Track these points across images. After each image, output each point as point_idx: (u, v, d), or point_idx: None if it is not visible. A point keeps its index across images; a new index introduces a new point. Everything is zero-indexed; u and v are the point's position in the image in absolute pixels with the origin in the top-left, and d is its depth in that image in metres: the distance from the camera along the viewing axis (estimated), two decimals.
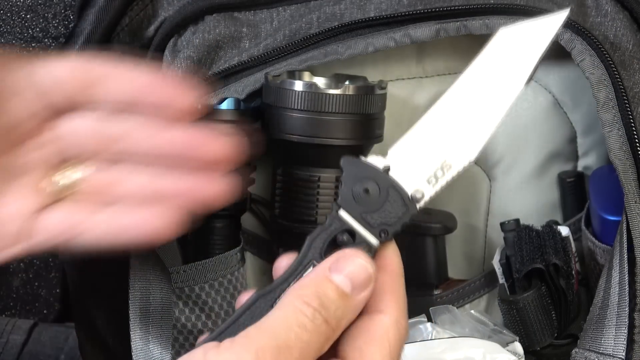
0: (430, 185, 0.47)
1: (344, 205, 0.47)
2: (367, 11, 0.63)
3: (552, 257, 0.65)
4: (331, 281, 0.45)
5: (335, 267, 0.45)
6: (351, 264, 0.45)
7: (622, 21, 0.62)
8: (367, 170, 0.47)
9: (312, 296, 0.44)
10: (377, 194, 0.47)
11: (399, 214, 0.47)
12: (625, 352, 0.55)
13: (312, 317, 0.43)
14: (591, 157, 0.71)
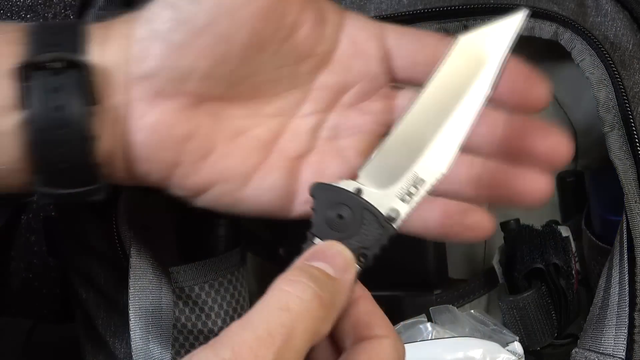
0: (406, 203, 0.46)
1: (319, 233, 0.45)
2: (367, 11, 0.63)
3: (552, 257, 0.65)
4: (311, 265, 0.43)
5: (312, 257, 0.44)
6: (326, 250, 0.44)
7: (622, 21, 0.62)
8: (338, 195, 0.46)
9: (298, 273, 0.42)
10: (352, 218, 0.45)
11: (377, 236, 0.45)
12: (625, 352, 0.55)
13: (300, 293, 0.41)
14: (591, 157, 0.71)
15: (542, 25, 0.62)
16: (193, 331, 0.62)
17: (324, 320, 0.41)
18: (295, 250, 0.66)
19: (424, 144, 0.47)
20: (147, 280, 0.58)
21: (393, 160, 0.47)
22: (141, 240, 0.59)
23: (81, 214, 0.62)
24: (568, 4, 0.62)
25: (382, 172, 0.47)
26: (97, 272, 0.63)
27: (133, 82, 0.46)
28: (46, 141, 0.44)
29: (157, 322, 0.58)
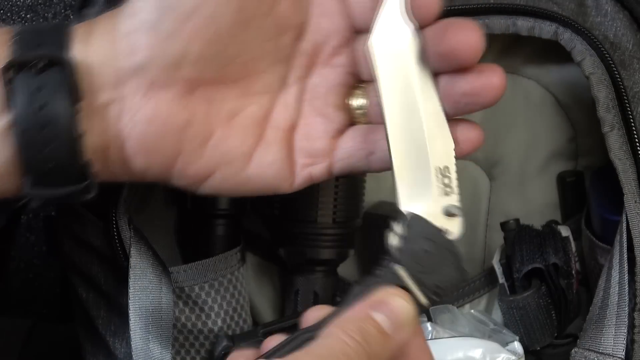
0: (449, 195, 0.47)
1: (403, 261, 0.46)
2: None
3: (552, 257, 0.65)
4: (372, 318, 0.44)
5: (377, 306, 0.45)
6: (393, 304, 0.45)
7: (622, 21, 0.62)
8: (431, 231, 0.47)
9: (355, 330, 0.43)
10: (436, 257, 0.46)
11: (453, 279, 0.47)
12: (625, 352, 0.55)
13: (356, 350, 0.43)
14: (591, 157, 0.71)
15: (542, 25, 0.62)
16: (193, 331, 0.62)
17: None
18: (295, 250, 0.66)
19: (422, 141, 0.47)
20: (147, 280, 0.58)
21: (411, 173, 0.47)
22: (141, 240, 0.59)
23: (81, 213, 0.62)
24: (568, 4, 0.62)
25: (412, 188, 0.47)
26: (97, 272, 0.62)
27: (125, 77, 0.46)
28: (31, 141, 0.44)
29: (157, 322, 0.58)
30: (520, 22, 0.62)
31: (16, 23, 0.75)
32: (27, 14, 0.75)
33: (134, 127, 0.46)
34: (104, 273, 0.62)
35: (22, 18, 0.75)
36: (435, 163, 0.47)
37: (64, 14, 0.76)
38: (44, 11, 0.75)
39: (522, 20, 0.62)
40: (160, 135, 0.47)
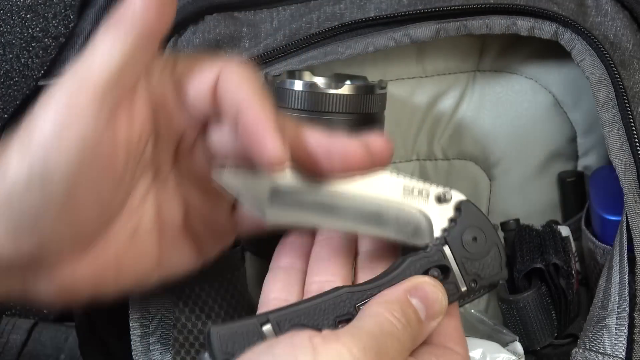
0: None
1: (451, 243, 0.49)
2: (367, 11, 0.63)
3: (552, 257, 0.65)
4: (411, 305, 0.47)
5: (415, 292, 0.48)
6: (429, 293, 0.48)
7: (622, 21, 0.62)
8: (482, 221, 0.50)
9: (400, 312, 0.46)
10: (483, 246, 0.50)
11: (493, 272, 0.50)
12: (625, 352, 0.55)
13: (402, 331, 0.46)
14: (591, 157, 0.71)
15: (542, 25, 0.62)
16: (193, 331, 0.62)
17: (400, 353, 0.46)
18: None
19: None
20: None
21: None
22: None
23: None
24: (568, 4, 0.62)
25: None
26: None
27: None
28: None
29: (157, 322, 0.58)
30: (520, 22, 0.62)
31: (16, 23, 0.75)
32: (27, 14, 0.75)
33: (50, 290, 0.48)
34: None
35: (22, 18, 0.75)
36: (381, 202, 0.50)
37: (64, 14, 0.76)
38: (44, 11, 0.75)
39: (522, 20, 0.62)
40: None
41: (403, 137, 0.70)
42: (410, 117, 0.70)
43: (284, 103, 0.61)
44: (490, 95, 0.70)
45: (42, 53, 0.76)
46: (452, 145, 0.71)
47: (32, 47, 0.76)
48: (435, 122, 0.71)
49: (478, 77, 0.70)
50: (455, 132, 0.71)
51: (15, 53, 0.76)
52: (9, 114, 0.76)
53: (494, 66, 0.70)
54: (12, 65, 0.76)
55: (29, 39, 0.76)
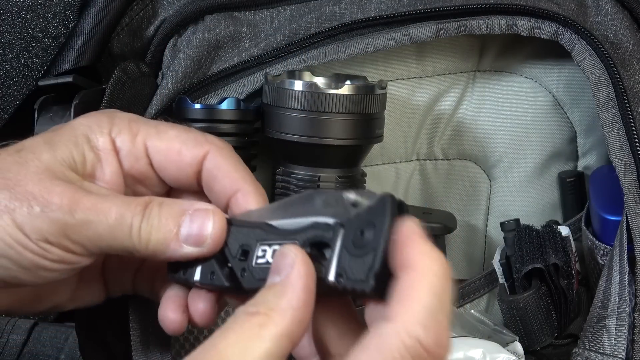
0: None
1: (347, 229, 0.43)
2: (367, 11, 0.63)
3: (552, 257, 0.65)
4: (263, 291, 0.44)
5: (271, 275, 0.44)
6: (275, 261, 0.44)
7: (622, 21, 0.62)
8: (381, 222, 0.42)
9: (254, 302, 0.43)
10: (364, 246, 0.42)
11: (358, 277, 0.42)
12: (625, 352, 0.55)
13: (232, 319, 0.43)
14: (591, 157, 0.71)
15: (542, 25, 0.62)
16: (193, 331, 0.61)
17: (262, 325, 0.42)
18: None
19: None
20: None
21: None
22: None
23: None
24: (568, 4, 0.62)
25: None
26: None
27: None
28: None
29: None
30: (520, 22, 0.62)
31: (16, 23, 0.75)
32: (27, 14, 0.75)
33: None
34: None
35: (22, 18, 0.75)
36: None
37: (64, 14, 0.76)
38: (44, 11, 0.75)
39: (522, 20, 0.62)
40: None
41: (403, 137, 0.70)
42: (410, 117, 0.70)
43: (284, 103, 0.61)
44: (490, 95, 0.70)
45: (42, 53, 0.76)
46: (452, 145, 0.71)
47: (32, 47, 0.76)
48: (435, 122, 0.71)
49: (478, 77, 0.70)
50: (455, 132, 0.71)
51: (15, 53, 0.76)
52: (9, 114, 0.76)
53: (494, 66, 0.70)
54: (12, 65, 0.76)
55: (29, 39, 0.75)
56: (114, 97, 0.61)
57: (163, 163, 0.52)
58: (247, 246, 0.48)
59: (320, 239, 0.44)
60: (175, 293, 0.52)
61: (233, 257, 0.48)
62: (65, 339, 0.80)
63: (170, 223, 0.48)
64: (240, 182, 0.51)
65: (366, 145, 0.63)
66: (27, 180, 0.47)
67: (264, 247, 0.47)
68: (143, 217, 0.48)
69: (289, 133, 0.61)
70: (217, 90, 0.63)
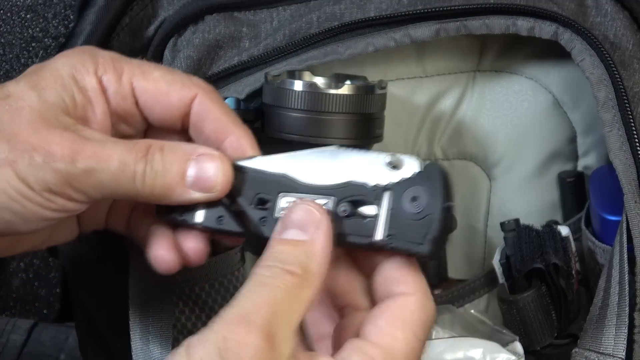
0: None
1: (393, 191, 0.47)
2: (367, 11, 0.63)
3: (552, 257, 0.65)
4: (280, 239, 0.46)
5: (282, 226, 0.47)
6: (293, 213, 0.47)
7: (622, 21, 0.62)
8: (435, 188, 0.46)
9: (265, 259, 0.46)
10: (418, 210, 0.46)
11: (412, 240, 0.46)
12: (625, 352, 0.55)
13: (270, 273, 0.44)
14: (591, 157, 0.71)
15: (542, 25, 0.62)
16: (193, 331, 0.61)
17: (303, 287, 0.44)
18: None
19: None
20: (147, 281, 0.58)
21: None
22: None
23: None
24: (568, 4, 0.62)
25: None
26: (97, 271, 0.63)
27: None
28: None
29: (157, 322, 0.58)
30: (520, 22, 0.62)
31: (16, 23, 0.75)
32: (27, 14, 0.75)
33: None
34: (104, 273, 0.62)
35: (22, 18, 0.75)
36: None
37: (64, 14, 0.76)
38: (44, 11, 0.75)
39: (522, 20, 0.62)
40: None
41: (403, 137, 0.70)
42: (410, 117, 0.70)
43: (283, 103, 0.61)
44: (490, 95, 0.70)
45: (42, 53, 0.76)
46: (452, 145, 0.71)
47: (32, 47, 0.76)
48: (436, 122, 0.71)
49: (478, 77, 0.70)
50: (455, 132, 0.71)
51: (15, 53, 0.76)
52: None
53: (494, 66, 0.70)
54: (12, 65, 0.76)
55: (29, 39, 0.76)
56: None
57: (149, 103, 0.52)
58: (266, 195, 0.49)
59: (360, 199, 0.47)
60: (162, 232, 0.52)
61: (249, 204, 0.49)
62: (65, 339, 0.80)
63: (175, 168, 0.48)
64: (232, 126, 0.52)
65: (366, 145, 0.63)
66: (24, 130, 0.47)
67: (289, 199, 0.48)
68: (146, 163, 0.48)
69: (289, 133, 0.61)
70: (217, 90, 0.63)
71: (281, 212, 0.48)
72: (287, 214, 0.47)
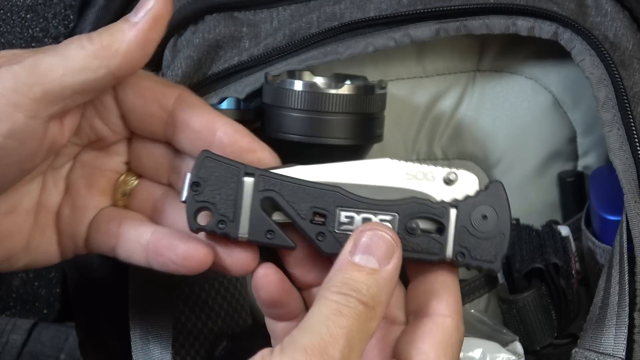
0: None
1: (460, 209, 0.48)
2: (367, 11, 0.63)
3: (552, 256, 0.65)
4: (353, 264, 0.46)
5: (354, 249, 0.46)
6: (369, 239, 0.46)
7: (622, 21, 0.62)
8: (502, 207, 0.48)
9: (339, 284, 0.45)
10: (489, 229, 0.48)
11: (485, 258, 0.48)
12: (625, 352, 0.55)
13: (346, 302, 0.44)
14: (591, 157, 0.71)
15: (542, 25, 0.62)
16: (193, 331, 0.62)
17: (372, 319, 0.45)
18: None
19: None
20: (147, 280, 0.58)
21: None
22: None
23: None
24: (568, 4, 0.62)
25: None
26: (97, 271, 0.63)
27: None
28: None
29: (157, 322, 0.58)
30: (520, 22, 0.62)
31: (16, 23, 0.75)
32: (27, 14, 0.75)
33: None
34: (104, 273, 0.62)
35: (22, 18, 0.75)
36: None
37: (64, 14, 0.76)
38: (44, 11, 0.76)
39: (522, 20, 0.62)
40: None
41: (403, 137, 0.70)
42: (410, 117, 0.70)
43: (283, 103, 0.61)
44: (490, 95, 0.70)
45: None
46: (452, 145, 0.71)
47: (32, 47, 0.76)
48: (435, 122, 0.71)
49: (478, 77, 0.70)
50: (455, 132, 0.71)
51: None
52: None
53: (494, 66, 0.70)
54: None
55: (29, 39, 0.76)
56: None
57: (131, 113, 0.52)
58: (322, 209, 0.48)
59: (426, 215, 0.48)
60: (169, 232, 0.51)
61: (302, 219, 0.49)
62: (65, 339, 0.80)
63: (118, 29, 0.48)
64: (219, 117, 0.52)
65: (366, 145, 0.63)
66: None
67: (348, 214, 0.48)
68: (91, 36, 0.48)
69: (288, 133, 0.61)
70: (217, 90, 0.63)
71: (341, 228, 0.48)
72: (359, 235, 0.47)
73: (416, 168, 0.49)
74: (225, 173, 0.49)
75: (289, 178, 0.49)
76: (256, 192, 0.49)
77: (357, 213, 0.48)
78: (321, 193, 0.48)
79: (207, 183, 0.49)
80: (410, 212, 0.48)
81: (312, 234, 0.48)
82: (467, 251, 0.48)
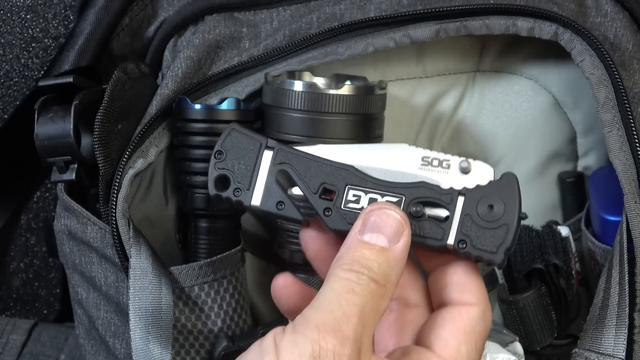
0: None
1: (467, 197, 0.48)
2: (367, 11, 0.63)
3: (552, 257, 0.65)
4: (363, 242, 0.46)
5: (364, 228, 0.46)
6: (378, 217, 0.46)
7: (622, 21, 0.62)
8: (511, 200, 0.48)
9: (350, 261, 0.45)
10: (494, 220, 0.48)
11: (487, 248, 0.48)
12: (625, 352, 0.55)
13: (357, 280, 0.44)
14: (591, 157, 0.71)
15: (542, 25, 0.62)
16: (193, 331, 0.62)
17: (383, 297, 0.45)
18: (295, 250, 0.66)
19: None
20: (147, 281, 0.58)
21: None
22: (141, 240, 0.59)
23: (81, 214, 0.62)
24: (568, 5, 0.62)
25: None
26: (97, 272, 0.63)
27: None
28: None
29: (157, 322, 0.58)
30: (520, 22, 0.62)
31: (16, 23, 0.75)
32: (27, 14, 0.75)
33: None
34: (104, 273, 0.62)
35: (22, 18, 0.75)
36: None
37: (64, 14, 0.76)
38: (44, 11, 0.75)
39: (522, 21, 0.62)
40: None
41: (403, 137, 0.70)
42: (410, 118, 0.70)
43: (283, 103, 0.61)
44: (490, 96, 0.70)
45: (42, 53, 0.76)
46: (452, 145, 0.71)
47: (32, 47, 0.76)
48: (435, 123, 0.71)
49: (478, 77, 0.70)
50: (455, 132, 0.71)
51: (15, 53, 0.76)
52: (9, 114, 0.76)
53: (494, 66, 0.70)
54: (12, 66, 0.76)
55: (29, 39, 0.76)
56: (114, 97, 0.61)
57: None
58: (331, 186, 0.49)
59: (432, 200, 0.48)
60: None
61: (312, 193, 0.49)
62: (65, 339, 0.80)
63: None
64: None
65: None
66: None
67: (356, 192, 0.49)
68: None
69: (288, 133, 0.61)
70: (217, 91, 0.63)
71: (348, 205, 0.49)
72: (368, 214, 0.47)
73: (433, 155, 0.50)
74: (248, 145, 0.50)
75: (305, 154, 0.50)
76: (273, 165, 0.50)
77: (365, 192, 0.49)
78: (333, 170, 0.49)
79: (229, 152, 0.50)
80: (417, 196, 0.48)
81: (320, 209, 0.49)
82: (469, 239, 0.48)
